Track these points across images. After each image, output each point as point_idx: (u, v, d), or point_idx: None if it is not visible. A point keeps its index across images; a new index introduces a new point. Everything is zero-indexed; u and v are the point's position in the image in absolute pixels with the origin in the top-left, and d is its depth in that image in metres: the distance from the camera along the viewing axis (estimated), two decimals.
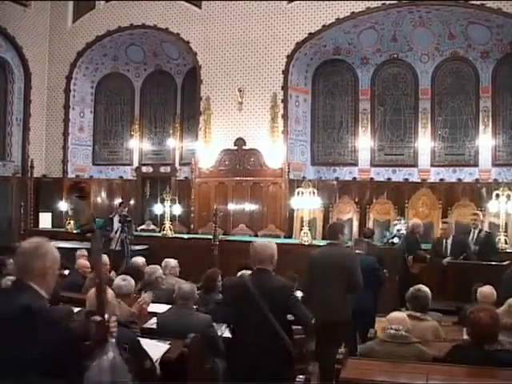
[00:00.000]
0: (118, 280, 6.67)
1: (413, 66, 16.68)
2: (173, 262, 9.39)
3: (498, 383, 4.69)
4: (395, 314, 5.61)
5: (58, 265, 3.65)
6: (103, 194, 19.30)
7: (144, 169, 19.30)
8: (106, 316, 3.72)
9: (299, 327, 5.72)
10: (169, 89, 19.26)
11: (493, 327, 5.08)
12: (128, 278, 6.74)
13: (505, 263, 10.63)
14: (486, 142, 15.98)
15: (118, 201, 14.99)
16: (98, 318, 3.65)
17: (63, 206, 16.72)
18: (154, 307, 7.12)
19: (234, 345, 5.63)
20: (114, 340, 3.69)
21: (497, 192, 13.62)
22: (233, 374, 5.60)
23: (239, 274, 6.51)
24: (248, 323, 5.40)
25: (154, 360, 5.20)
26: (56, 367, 3.27)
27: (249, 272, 5.62)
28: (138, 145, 19.40)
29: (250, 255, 5.64)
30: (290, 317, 5.54)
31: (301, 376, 4.43)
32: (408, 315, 5.86)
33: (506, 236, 13.10)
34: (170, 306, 6.71)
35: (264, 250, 5.58)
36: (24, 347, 3.19)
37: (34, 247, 3.59)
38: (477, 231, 11.49)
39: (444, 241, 11.37)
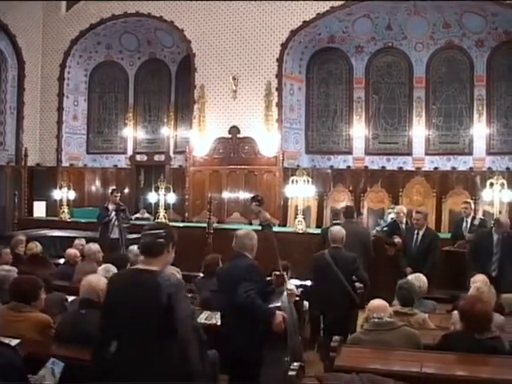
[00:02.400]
0: (102, 271, 6.64)
1: (407, 55, 16.67)
2: None
3: (490, 375, 4.71)
4: (376, 303, 5.59)
5: (257, 244, 6.14)
6: (97, 183, 19.30)
7: (138, 157, 19.30)
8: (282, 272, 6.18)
9: (361, 284, 8.01)
10: (163, 77, 19.23)
11: (487, 317, 5.11)
12: (111, 268, 6.72)
13: None
14: (480, 130, 16.01)
15: (111, 188, 14.89)
16: (277, 273, 6.08)
17: (57, 194, 16.64)
18: None
19: (319, 297, 8.06)
20: (284, 286, 6.10)
21: (491, 181, 13.61)
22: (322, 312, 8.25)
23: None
24: (327, 283, 7.92)
25: None
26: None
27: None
28: (132, 133, 19.37)
29: (328, 236, 8.42)
30: (354, 278, 7.99)
31: (295, 364, 4.43)
32: (395, 311, 5.84)
33: None
34: None
35: (337, 234, 8.27)
36: (251, 285, 5.67)
37: (246, 233, 6.14)
38: (469, 219, 11.49)
39: (465, 220, 11.44)
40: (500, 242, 9.68)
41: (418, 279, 7.06)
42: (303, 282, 8.89)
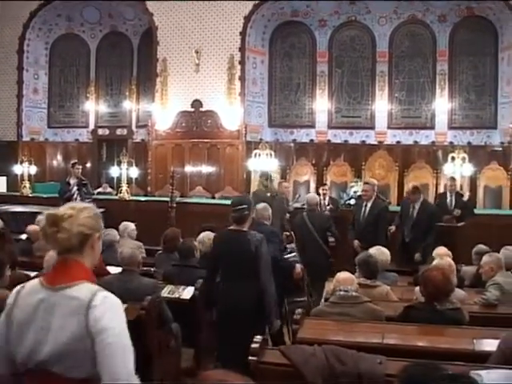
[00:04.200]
0: None
1: (370, 29, 16.68)
2: (131, 225, 9.34)
3: (450, 346, 4.78)
4: (343, 275, 5.58)
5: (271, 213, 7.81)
6: (59, 157, 19.08)
7: (100, 131, 19.10)
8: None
9: (333, 240, 9.94)
10: (125, 50, 19.00)
11: (445, 285, 5.16)
12: None
13: (459, 225, 10.86)
14: (442, 105, 16.13)
15: (72, 161, 14.70)
16: (287, 233, 8.63)
17: (18, 169, 16.45)
18: (112, 270, 7.07)
19: (301, 251, 8.93)
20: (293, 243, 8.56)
21: (452, 155, 13.83)
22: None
23: (201, 235, 7.67)
24: (305, 240, 9.51)
25: None
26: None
27: (212, 234, 7.61)
28: (93, 107, 19.14)
29: (305, 202, 10.27)
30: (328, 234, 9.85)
31: (258, 337, 4.46)
32: (358, 283, 5.84)
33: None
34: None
35: (313, 200, 10.17)
36: (275, 245, 7.17)
37: (263, 206, 7.69)
38: (453, 195, 11.68)
39: (448, 195, 11.73)
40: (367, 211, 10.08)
41: (380, 252, 7.10)
42: None
